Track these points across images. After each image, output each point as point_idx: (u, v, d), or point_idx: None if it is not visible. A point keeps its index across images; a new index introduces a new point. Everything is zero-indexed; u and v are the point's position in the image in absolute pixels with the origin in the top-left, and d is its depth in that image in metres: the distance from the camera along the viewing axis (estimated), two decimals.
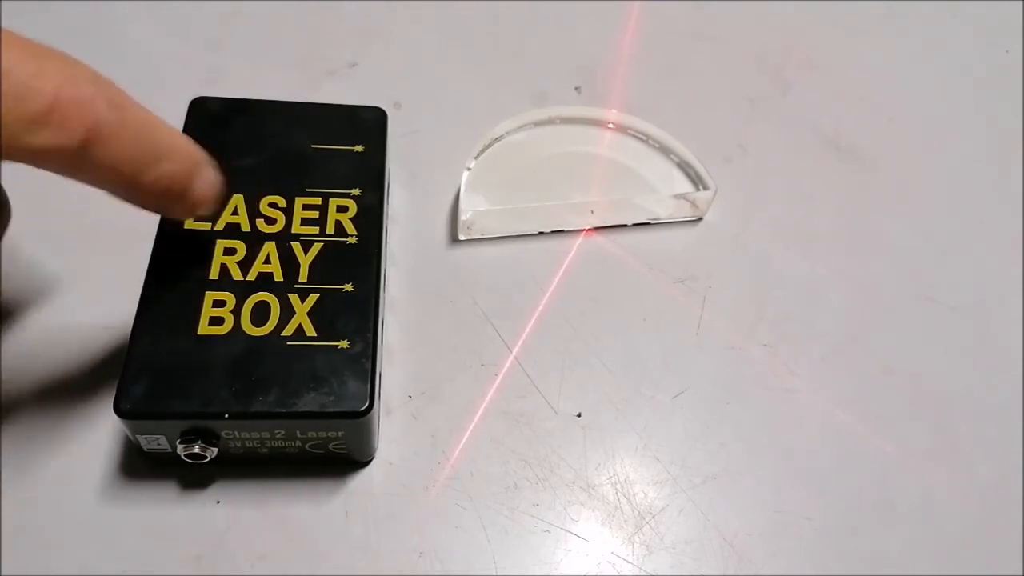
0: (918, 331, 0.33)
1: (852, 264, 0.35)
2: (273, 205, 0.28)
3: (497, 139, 0.36)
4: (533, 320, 0.31)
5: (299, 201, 0.28)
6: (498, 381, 0.30)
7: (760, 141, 0.39)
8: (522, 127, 0.37)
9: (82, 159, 0.19)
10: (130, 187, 0.21)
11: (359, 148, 0.30)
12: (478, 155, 0.35)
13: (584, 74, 0.40)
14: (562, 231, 0.34)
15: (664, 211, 0.35)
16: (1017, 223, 0.38)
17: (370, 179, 0.29)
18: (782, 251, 0.35)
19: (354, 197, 0.28)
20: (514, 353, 0.30)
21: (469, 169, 0.34)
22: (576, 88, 0.40)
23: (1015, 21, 0.47)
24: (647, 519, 0.27)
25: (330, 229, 0.27)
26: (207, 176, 0.23)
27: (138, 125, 0.20)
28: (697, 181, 0.36)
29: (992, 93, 0.44)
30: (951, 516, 0.29)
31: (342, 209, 0.28)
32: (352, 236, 0.27)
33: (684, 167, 0.36)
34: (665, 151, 0.37)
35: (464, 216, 0.32)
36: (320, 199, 0.28)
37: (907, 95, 0.43)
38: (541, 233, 0.34)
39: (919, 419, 0.31)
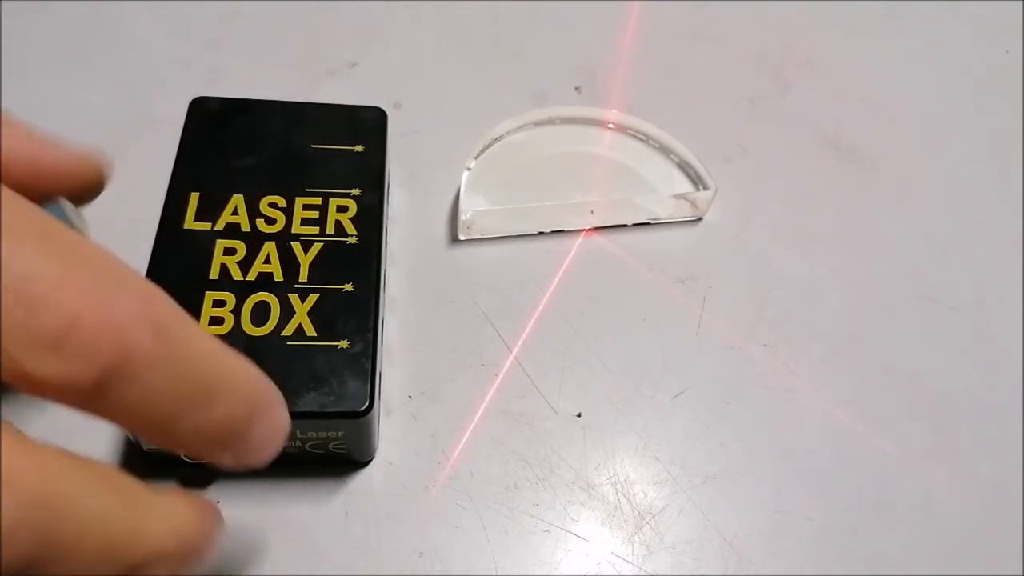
0: (918, 331, 0.33)
1: (852, 264, 0.35)
2: (273, 205, 0.28)
3: (497, 139, 0.36)
4: (533, 320, 0.31)
5: (299, 201, 0.28)
6: (498, 381, 0.30)
7: (760, 141, 0.39)
8: (522, 127, 0.37)
9: (99, 396, 0.14)
10: (162, 432, 0.16)
11: (359, 148, 0.30)
12: (478, 155, 0.35)
13: (584, 74, 0.40)
14: (562, 231, 0.34)
15: (664, 211, 0.35)
16: (1017, 223, 0.38)
17: (370, 179, 0.29)
18: (782, 251, 0.35)
19: (354, 197, 0.28)
20: (514, 353, 0.30)
21: (469, 169, 0.34)
22: (576, 88, 0.40)
23: (1015, 21, 0.47)
24: (647, 519, 0.27)
25: (330, 229, 0.27)
26: (273, 419, 0.17)
27: (187, 356, 0.15)
28: (697, 181, 0.36)
29: (992, 93, 0.44)
30: (951, 516, 0.29)
31: (342, 209, 0.28)
32: (352, 236, 0.27)
33: (684, 167, 0.36)
34: (665, 151, 0.37)
35: (464, 216, 0.32)
36: (320, 199, 0.28)
37: (907, 95, 0.43)
38: (541, 233, 0.34)
39: (919, 419, 0.31)
